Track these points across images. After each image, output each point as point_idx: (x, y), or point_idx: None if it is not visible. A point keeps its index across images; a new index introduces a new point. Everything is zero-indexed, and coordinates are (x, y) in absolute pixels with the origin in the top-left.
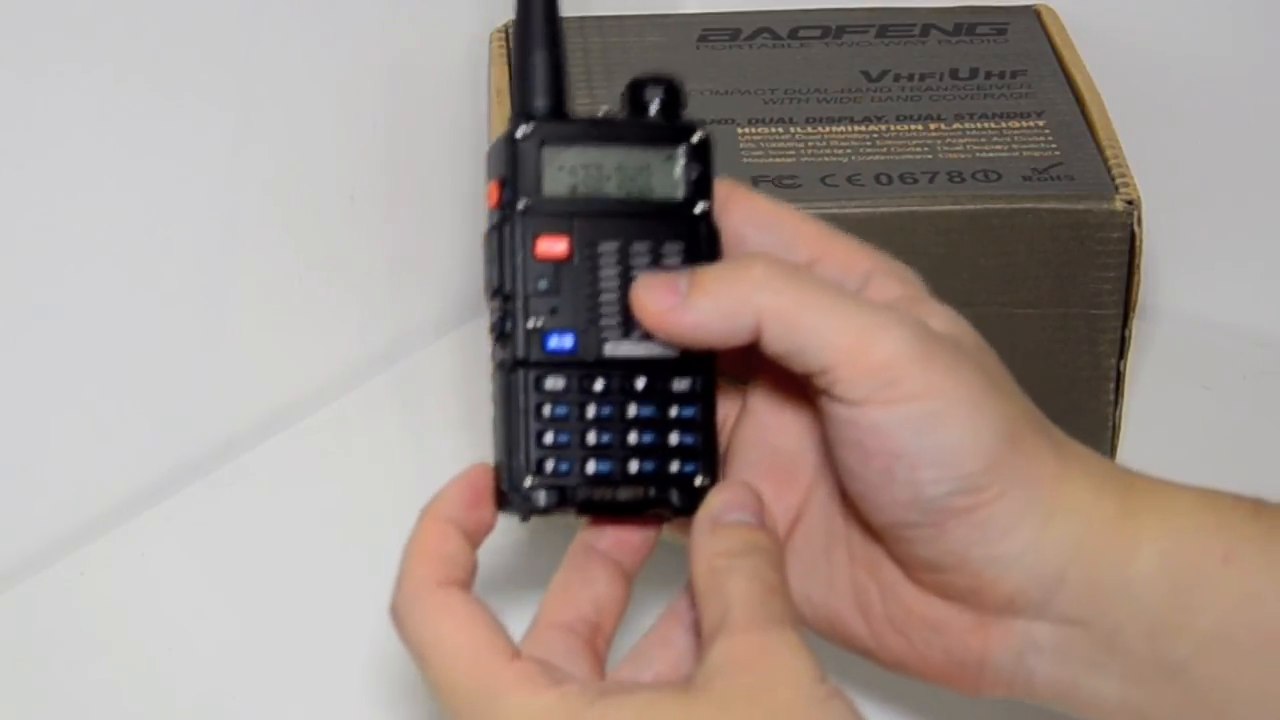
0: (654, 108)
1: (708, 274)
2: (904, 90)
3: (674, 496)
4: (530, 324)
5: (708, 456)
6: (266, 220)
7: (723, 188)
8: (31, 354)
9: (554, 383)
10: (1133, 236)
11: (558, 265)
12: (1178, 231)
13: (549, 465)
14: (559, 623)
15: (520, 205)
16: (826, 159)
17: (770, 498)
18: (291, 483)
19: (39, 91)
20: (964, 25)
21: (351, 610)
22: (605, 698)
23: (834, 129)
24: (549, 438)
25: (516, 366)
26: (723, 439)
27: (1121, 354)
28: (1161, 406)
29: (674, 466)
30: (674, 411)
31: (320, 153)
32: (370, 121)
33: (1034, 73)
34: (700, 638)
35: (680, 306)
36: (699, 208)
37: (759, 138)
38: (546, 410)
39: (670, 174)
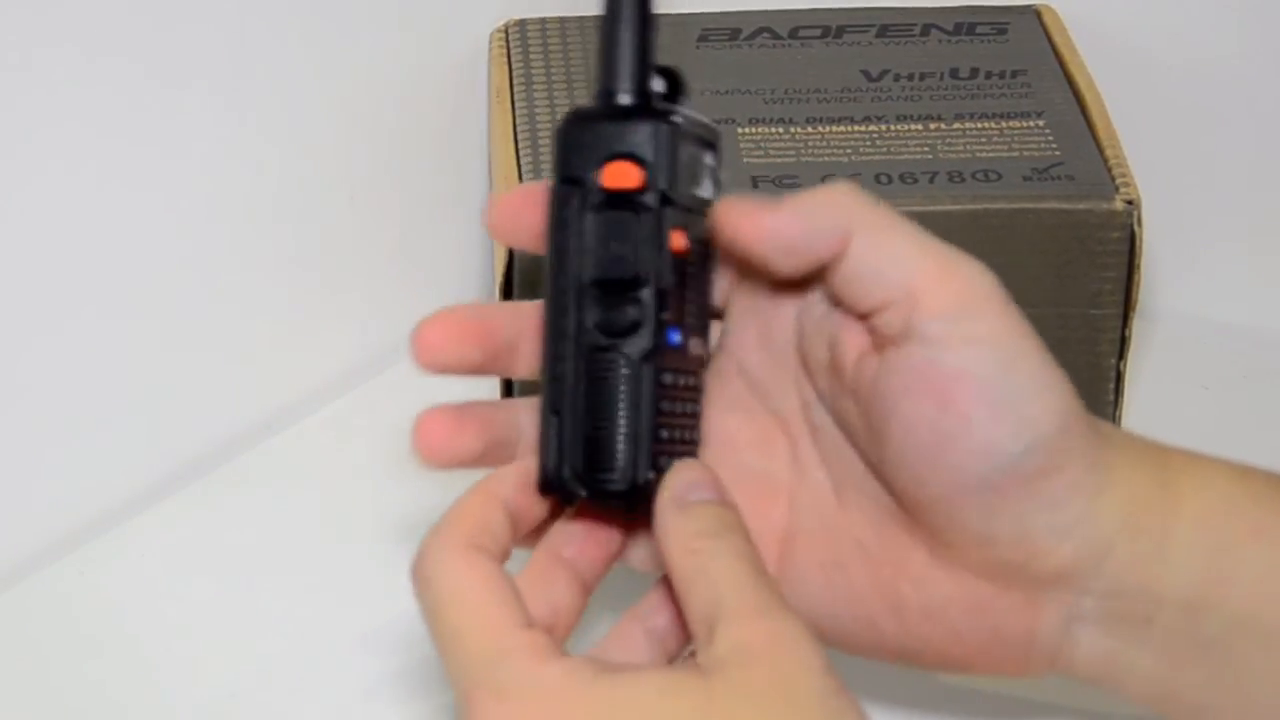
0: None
1: (796, 195)
2: (904, 90)
3: None
4: (665, 315)
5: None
6: (266, 220)
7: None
8: (31, 353)
9: (669, 377)
10: (1133, 236)
11: (680, 259)
12: (1178, 231)
13: (664, 462)
14: None
15: (671, 195)
16: (826, 159)
17: (750, 517)
18: (291, 483)
19: (38, 90)
20: (964, 25)
21: (352, 610)
22: (613, 674)
23: (834, 129)
24: (665, 433)
25: (648, 358)
26: None
27: (1121, 354)
28: (1161, 406)
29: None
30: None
31: (320, 153)
32: (370, 121)
33: (1034, 73)
34: (688, 626)
35: (772, 213)
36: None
37: (759, 137)
38: (665, 405)
39: (709, 174)
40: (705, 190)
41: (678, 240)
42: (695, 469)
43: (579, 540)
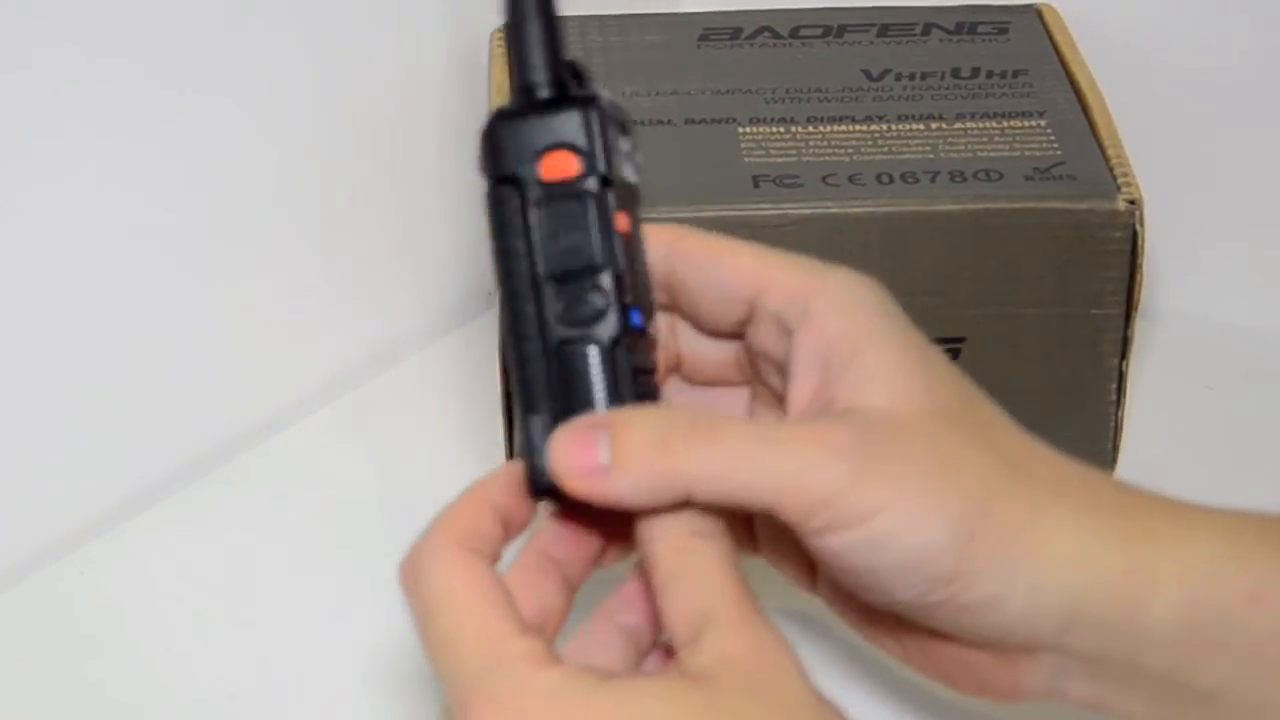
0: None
1: (628, 447)
2: (905, 89)
3: None
4: (628, 298)
5: None
6: (266, 220)
7: (665, 234)
8: (31, 354)
9: (641, 360)
10: (1135, 236)
11: (625, 241)
12: (1180, 231)
13: None
14: None
15: (611, 180)
16: (828, 158)
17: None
18: (291, 483)
19: (38, 91)
20: (965, 24)
21: (351, 611)
22: (614, 682)
23: (835, 128)
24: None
25: (618, 342)
26: None
27: (1123, 354)
28: (1163, 406)
29: None
30: None
31: (320, 153)
32: (370, 121)
33: (1035, 72)
34: (666, 623)
35: (603, 480)
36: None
37: (760, 137)
38: (639, 388)
39: (628, 158)
40: (629, 174)
41: (622, 222)
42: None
43: (567, 540)
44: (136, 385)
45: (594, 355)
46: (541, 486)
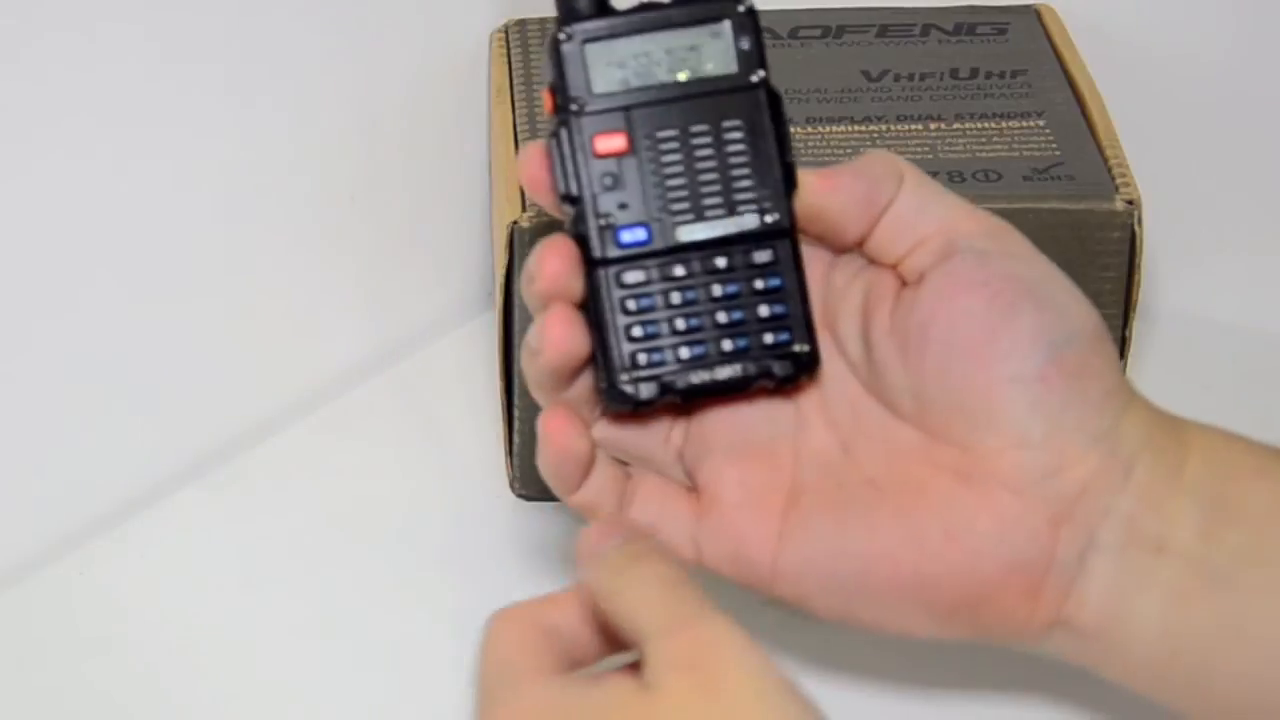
0: None
1: (843, 163)
2: (904, 90)
3: (775, 367)
4: (602, 222)
5: (800, 322)
6: (266, 220)
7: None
8: (31, 353)
9: (634, 275)
10: (1133, 236)
11: (619, 159)
12: (1178, 231)
13: (642, 358)
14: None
15: (573, 108)
16: (827, 159)
17: (754, 478)
18: (291, 483)
19: (38, 81)
20: (964, 25)
21: (351, 610)
22: (574, 690)
23: (834, 129)
24: (638, 330)
25: (596, 266)
26: None
27: (1121, 354)
28: (1162, 407)
29: (768, 338)
30: (759, 284)
31: (321, 153)
32: (371, 121)
33: (1034, 72)
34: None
35: (839, 174)
36: (755, 77)
37: None
38: (631, 304)
39: (720, 49)
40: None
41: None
42: (598, 528)
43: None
44: (137, 385)
45: (588, 280)
46: (604, 401)
